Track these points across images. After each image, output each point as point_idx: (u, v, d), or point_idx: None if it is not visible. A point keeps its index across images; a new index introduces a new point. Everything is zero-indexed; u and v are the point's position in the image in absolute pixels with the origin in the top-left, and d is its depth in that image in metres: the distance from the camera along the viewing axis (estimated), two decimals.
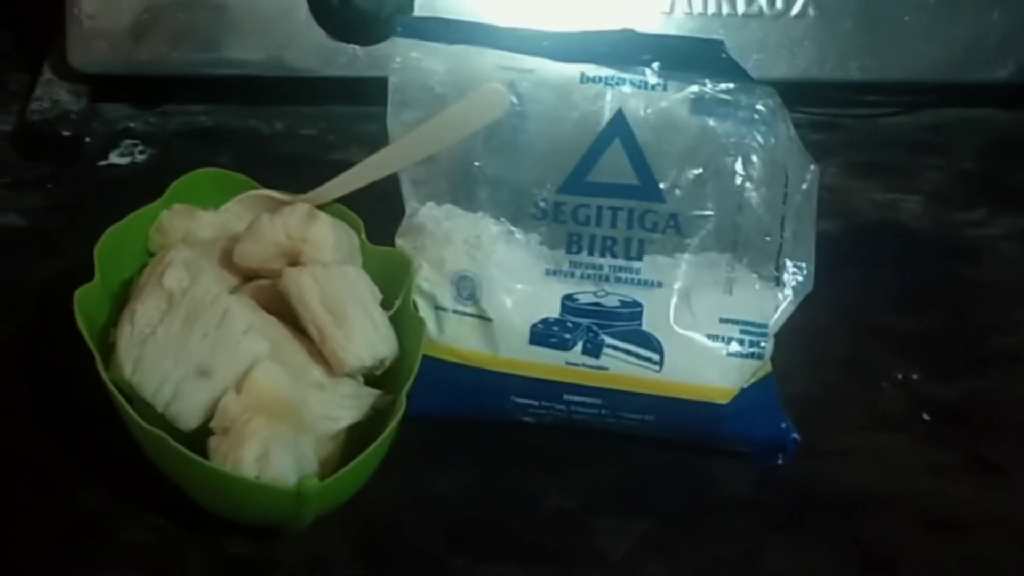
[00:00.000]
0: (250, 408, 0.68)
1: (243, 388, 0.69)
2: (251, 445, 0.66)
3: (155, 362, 0.71)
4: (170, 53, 1.06)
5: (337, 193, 0.85)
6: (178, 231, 0.84)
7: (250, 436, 0.66)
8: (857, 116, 1.17)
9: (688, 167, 0.79)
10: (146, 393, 0.70)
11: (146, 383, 0.70)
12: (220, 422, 0.68)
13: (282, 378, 0.71)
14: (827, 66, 1.08)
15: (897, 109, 1.18)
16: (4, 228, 0.99)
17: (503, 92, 0.78)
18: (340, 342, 0.73)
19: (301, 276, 0.74)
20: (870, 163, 1.12)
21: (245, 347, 0.71)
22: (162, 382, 0.70)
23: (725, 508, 0.79)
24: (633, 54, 0.81)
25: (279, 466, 0.66)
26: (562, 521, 0.78)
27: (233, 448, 0.66)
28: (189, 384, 0.70)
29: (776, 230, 0.79)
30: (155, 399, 0.70)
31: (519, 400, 0.79)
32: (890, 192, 1.10)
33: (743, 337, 0.78)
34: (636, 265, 0.79)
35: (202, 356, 0.71)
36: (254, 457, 0.66)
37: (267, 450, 0.66)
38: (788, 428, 0.80)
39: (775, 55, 0.93)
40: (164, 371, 0.70)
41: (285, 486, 0.66)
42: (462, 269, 0.79)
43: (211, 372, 0.70)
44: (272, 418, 0.68)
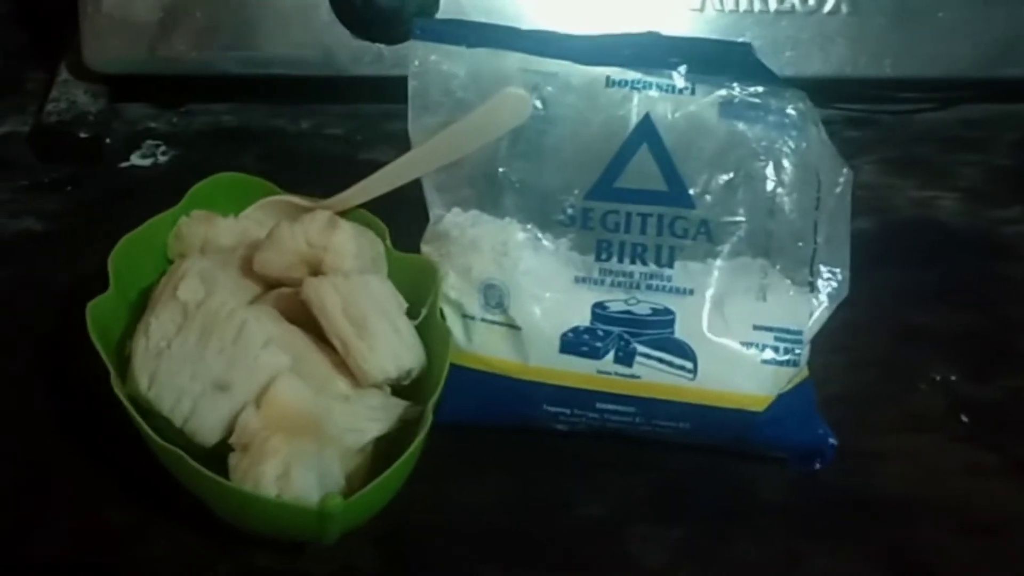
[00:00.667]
0: (271, 424, 0.68)
1: (263, 403, 0.69)
2: (271, 463, 0.65)
3: (171, 377, 0.70)
4: (188, 52, 1.06)
5: (360, 199, 0.84)
6: (197, 238, 0.84)
7: (270, 453, 0.66)
8: (892, 112, 1.15)
9: (718, 172, 0.78)
10: (163, 408, 0.70)
11: (163, 398, 0.70)
12: (239, 439, 0.68)
13: (303, 392, 0.70)
14: (860, 63, 1.07)
15: (932, 105, 1.16)
16: (22, 232, 0.99)
17: (526, 97, 0.77)
18: (363, 354, 0.73)
19: (322, 286, 0.74)
20: (906, 160, 1.11)
21: (264, 361, 0.70)
22: (179, 397, 0.70)
23: (760, 514, 0.79)
24: (659, 57, 0.80)
25: (301, 484, 0.65)
26: (594, 529, 0.77)
27: (253, 466, 0.66)
28: (207, 399, 0.70)
29: (809, 235, 0.79)
30: (173, 415, 0.70)
31: (550, 408, 0.79)
32: (926, 189, 1.09)
33: (777, 344, 0.77)
34: (667, 272, 0.78)
35: (219, 371, 0.70)
36: (275, 476, 0.65)
37: (288, 468, 0.65)
38: (825, 434, 0.79)
39: (808, 52, 0.92)
40: (181, 386, 0.70)
41: (308, 505, 0.65)
42: (489, 277, 0.79)
43: (229, 387, 0.70)
44: (293, 434, 0.67)
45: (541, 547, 0.76)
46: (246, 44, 1.06)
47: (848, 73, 1.07)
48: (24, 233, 0.98)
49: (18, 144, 1.08)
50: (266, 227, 0.82)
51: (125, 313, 0.79)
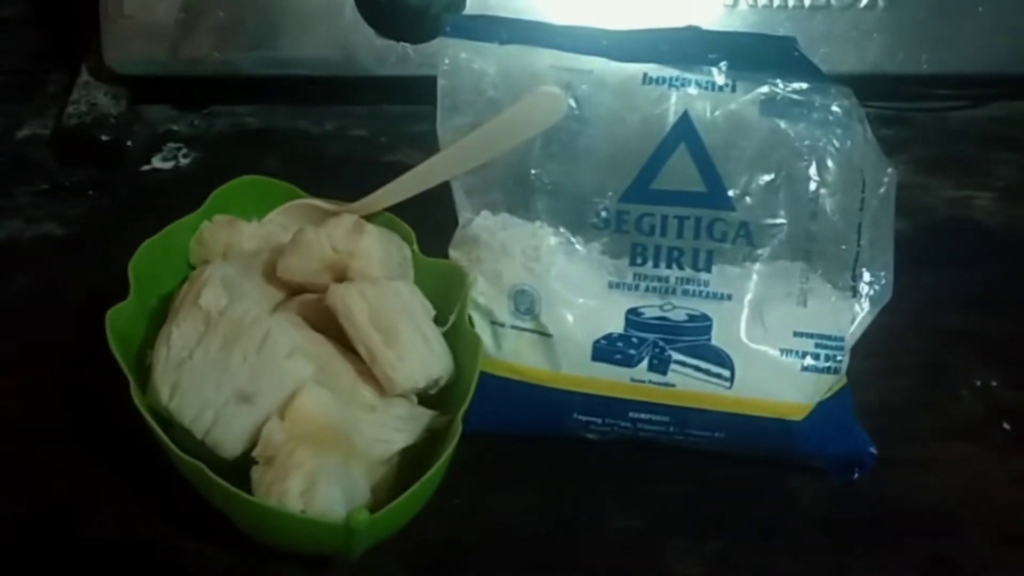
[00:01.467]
0: (295, 436, 0.65)
1: (287, 414, 0.66)
2: (296, 477, 0.63)
3: (193, 387, 0.68)
4: (210, 53, 1.03)
5: (386, 202, 0.81)
6: (219, 243, 0.82)
7: (295, 467, 0.63)
8: (926, 110, 1.12)
9: (759, 173, 0.75)
10: (185, 420, 0.67)
11: (185, 409, 0.68)
12: (263, 451, 0.65)
13: (329, 402, 0.67)
14: (897, 59, 1.04)
15: (966, 102, 1.13)
16: (42, 238, 0.96)
17: (560, 95, 0.74)
18: (391, 362, 0.70)
19: (348, 293, 0.71)
20: (941, 158, 1.08)
21: (288, 371, 0.68)
22: (201, 408, 0.67)
23: (799, 526, 0.76)
24: (699, 53, 0.77)
25: (326, 499, 0.62)
26: (628, 542, 0.74)
27: (277, 480, 0.63)
28: (230, 410, 0.67)
29: (852, 238, 0.75)
30: (194, 426, 0.67)
31: (582, 417, 0.76)
32: (962, 189, 1.06)
33: (818, 351, 0.74)
34: (704, 277, 0.75)
35: (243, 381, 0.68)
36: (299, 490, 0.62)
37: (313, 482, 0.63)
38: (865, 442, 0.76)
39: (843, 48, 0.90)
40: (203, 397, 0.68)
41: (333, 520, 0.62)
42: (520, 282, 0.76)
43: (253, 398, 0.67)
44: (318, 446, 0.64)
45: (573, 562, 0.73)
46: (269, 44, 1.04)
47: (884, 69, 1.04)
48: (44, 238, 0.96)
49: (39, 147, 1.06)
50: (290, 231, 0.79)
51: (146, 321, 0.76)
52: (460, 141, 0.77)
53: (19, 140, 1.06)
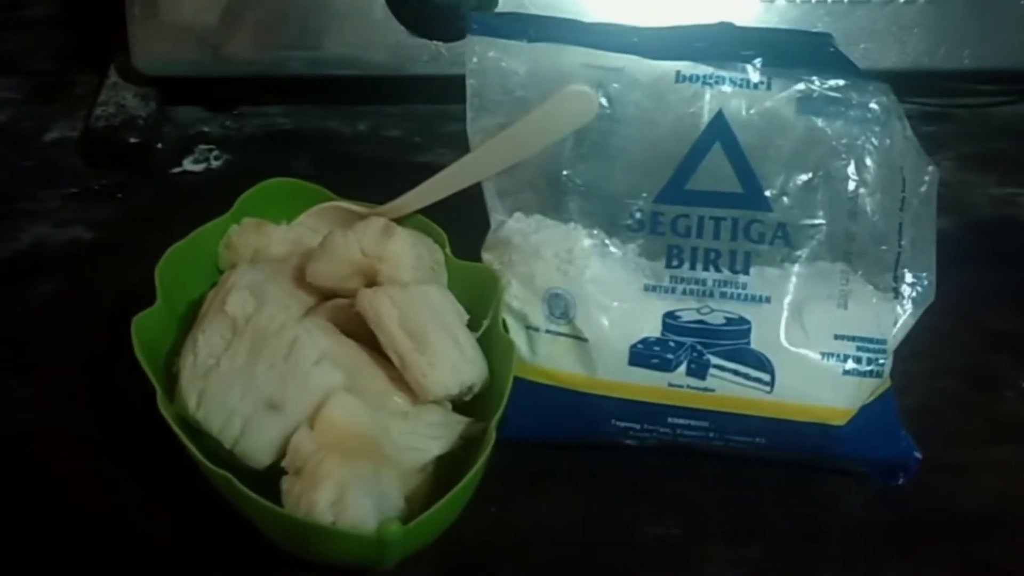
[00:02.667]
0: (325, 445, 0.64)
1: (316, 423, 0.65)
2: (325, 488, 0.61)
3: (220, 396, 0.67)
4: (240, 53, 1.02)
5: (417, 205, 0.80)
6: (248, 247, 0.81)
7: (324, 478, 0.62)
8: (968, 106, 1.10)
9: (796, 172, 0.74)
10: (212, 429, 0.67)
11: (212, 418, 0.67)
12: (292, 462, 0.64)
13: (359, 410, 0.66)
14: (938, 54, 1.02)
15: (1009, 98, 1.11)
16: (71, 242, 0.95)
17: (591, 94, 0.72)
18: (423, 369, 0.69)
19: (378, 298, 0.70)
20: (984, 155, 1.05)
21: (317, 379, 0.67)
22: (229, 417, 0.67)
23: (840, 532, 0.74)
24: (733, 50, 0.75)
25: (357, 511, 0.61)
26: (666, 550, 0.73)
27: (306, 491, 0.62)
28: (258, 419, 0.66)
29: (893, 238, 0.74)
30: (222, 435, 0.66)
31: (619, 423, 0.74)
32: (1007, 186, 1.04)
33: (860, 354, 0.72)
34: (742, 279, 0.73)
35: (271, 389, 0.67)
36: (329, 502, 0.61)
37: (343, 493, 0.61)
38: (909, 446, 0.74)
39: (884, 44, 0.88)
40: (230, 405, 0.67)
41: (364, 532, 0.61)
42: (554, 286, 0.74)
43: (281, 406, 0.66)
44: (349, 456, 0.63)
45: (609, 569, 0.72)
46: (299, 44, 1.02)
47: (925, 65, 1.02)
48: (74, 243, 0.95)
49: (67, 150, 1.05)
50: (320, 235, 0.78)
51: (173, 327, 0.76)
52: (490, 142, 0.75)
53: (48, 143, 1.05)
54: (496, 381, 0.72)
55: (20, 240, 0.94)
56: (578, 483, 0.76)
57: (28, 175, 1.01)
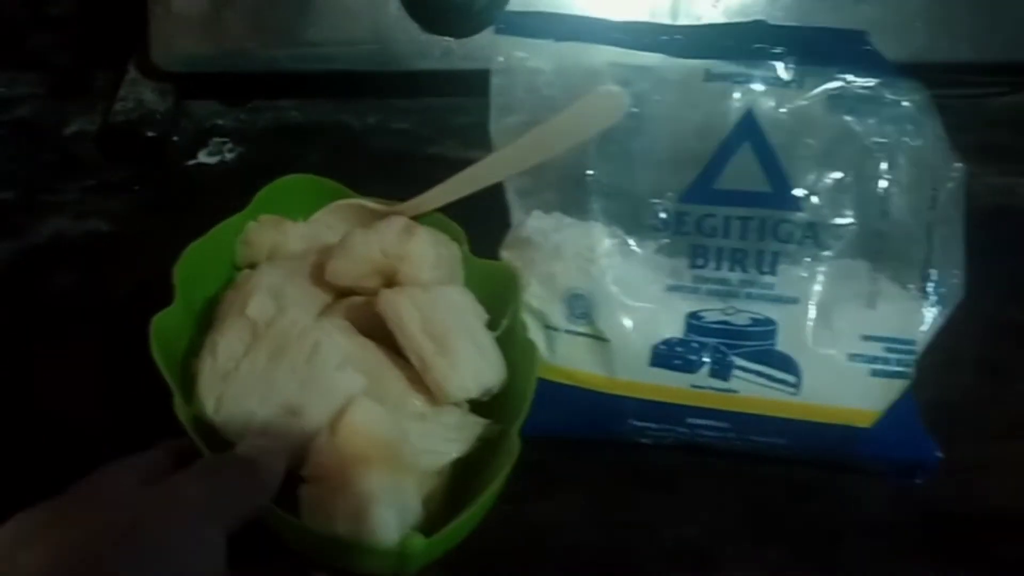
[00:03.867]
0: (346, 454, 0.58)
1: (337, 430, 0.59)
2: (346, 501, 0.56)
3: (240, 400, 0.61)
4: (257, 49, 0.96)
5: (437, 203, 0.73)
6: (265, 244, 0.74)
7: (346, 490, 0.56)
8: (961, 96, 1.03)
9: (827, 171, 0.68)
10: (230, 434, 0.61)
11: (230, 422, 0.61)
12: (312, 471, 0.58)
13: (380, 417, 0.60)
14: (940, 47, 0.96)
15: (1002, 89, 1.04)
16: (89, 234, 0.89)
17: (620, 95, 0.66)
18: (444, 372, 0.63)
19: (399, 300, 0.64)
20: (981, 145, 0.98)
21: (339, 384, 0.61)
22: (247, 421, 0.61)
23: (860, 532, 0.68)
24: (764, 48, 0.69)
25: (379, 524, 0.56)
26: (685, 550, 0.67)
27: (326, 503, 0.56)
28: (276, 426, 0.60)
29: (923, 237, 0.68)
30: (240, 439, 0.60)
31: (638, 423, 0.69)
32: (1007, 176, 0.97)
33: (888, 355, 0.67)
34: (768, 279, 0.67)
35: (290, 393, 0.61)
36: (349, 515, 0.56)
37: (365, 506, 0.56)
38: (931, 446, 0.68)
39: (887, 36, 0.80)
40: (249, 409, 0.61)
41: (387, 546, 0.55)
42: (574, 286, 0.68)
43: (301, 411, 0.61)
44: (368, 465, 0.57)
45: (627, 570, 0.66)
46: (313, 40, 0.96)
47: (926, 58, 0.95)
48: (92, 235, 0.89)
49: (86, 143, 0.98)
50: (337, 231, 0.73)
51: (191, 325, 0.69)
52: (516, 141, 0.69)
53: (67, 136, 0.99)
54: (516, 382, 0.66)
55: (40, 232, 0.88)
56: (595, 482, 0.71)
57: (48, 168, 0.95)
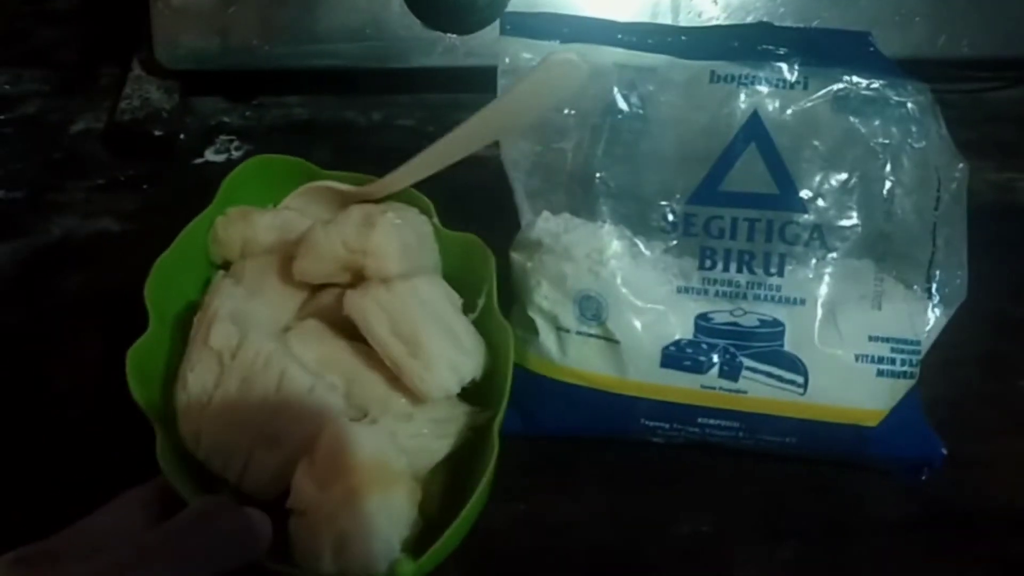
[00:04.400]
0: (327, 482, 0.57)
1: (316, 457, 0.58)
2: (329, 537, 0.55)
3: (218, 433, 0.60)
4: (260, 46, 0.95)
5: (408, 181, 0.72)
6: (236, 239, 0.72)
7: (327, 525, 0.55)
8: (960, 91, 1.03)
9: (832, 173, 0.67)
10: (215, 467, 0.60)
11: (213, 457, 0.60)
12: (296, 503, 0.57)
13: (359, 437, 0.58)
14: (939, 42, 0.95)
15: (1001, 83, 1.03)
16: (99, 234, 0.88)
17: (577, 62, 0.64)
18: (419, 374, 0.62)
19: (364, 303, 0.63)
20: (981, 141, 0.98)
21: (311, 409, 0.60)
22: (230, 454, 0.60)
23: (870, 530, 0.68)
24: (770, 49, 0.68)
25: (361, 558, 0.55)
26: (695, 548, 0.67)
27: (310, 538, 0.56)
28: (259, 455, 0.60)
29: (928, 238, 0.67)
30: (226, 473, 0.60)
31: (649, 423, 0.68)
32: (1005, 171, 0.97)
33: (894, 356, 0.66)
34: (776, 281, 0.67)
35: (265, 423, 0.60)
36: (333, 550, 0.55)
37: (345, 542, 0.55)
38: (936, 443, 0.68)
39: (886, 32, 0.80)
40: (229, 442, 0.60)
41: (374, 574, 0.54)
42: (586, 288, 0.67)
43: (279, 440, 0.59)
44: (352, 492, 0.56)
45: (639, 569, 0.66)
46: (317, 36, 0.95)
47: (926, 54, 0.95)
48: (102, 234, 0.88)
49: (92, 141, 0.97)
50: (309, 216, 0.72)
51: (171, 343, 0.67)
52: (477, 114, 0.67)
53: (74, 135, 0.98)
54: (498, 364, 0.65)
55: (50, 232, 0.88)
56: (607, 480, 0.70)
57: (56, 166, 0.94)
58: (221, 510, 0.52)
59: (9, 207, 0.90)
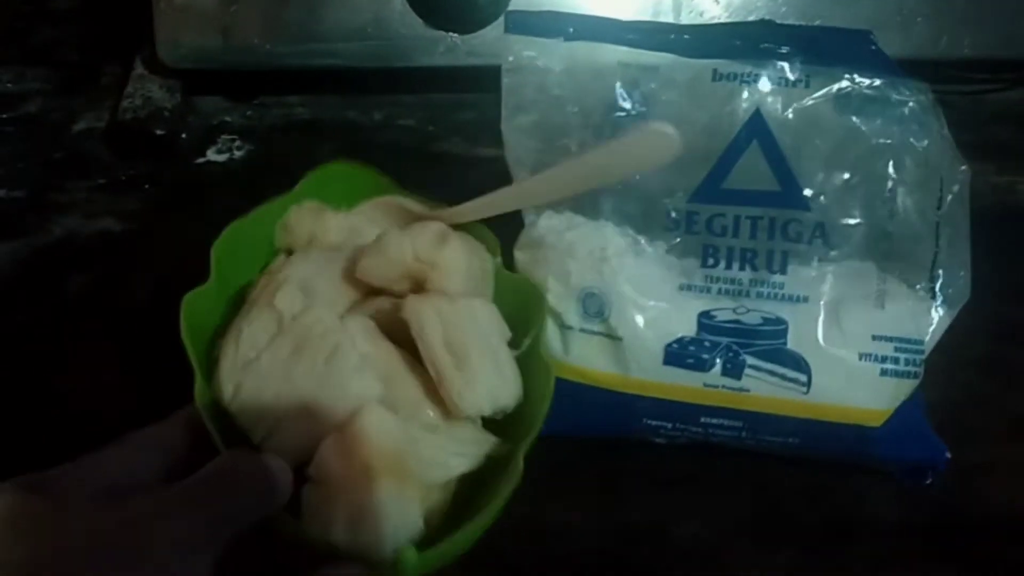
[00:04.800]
0: (351, 460, 0.57)
1: (346, 434, 0.58)
2: (344, 507, 0.55)
3: (256, 391, 0.60)
4: (262, 45, 0.95)
5: (479, 215, 0.71)
6: (304, 231, 0.72)
7: (344, 496, 0.55)
8: (960, 92, 1.03)
9: (835, 171, 0.67)
10: (244, 422, 0.60)
11: (245, 412, 0.60)
12: (316, 472, 0.57)
13: (390, 426, 0.59)
14: (941, 43, 0.95)
15: (1002, 84, 1.03)
16: (101, 233, 0.88)
17: (673, 136, 0.61)
18: (458, 388, 0.61)
19: (423, 310, 0.63)
20: (983, 142, 0.98)
21: (354, 388, 0.60)
22: (261, 414, 0.60)
23: (870, 534, 0.68)
24: (771, 48, 0.69)
25: (372, 534, 0.54)
26: (694, 552, 0.67)
27: (324, 506, 0.56)
28: (289, 421, 0.59)
29: (931, 238, 0.67)
30: (253, 431, 0.59)
31: (652, 422, 0.68)
32: (1006, 173, 0.97)
33: (898, 355, 0.66)
34: (778, 279, 0.67)
35: (306, 391, 0.60)
36: (346, 522, 0.55)
37: (362, 514, 0.55)
38: (940, 446, 0.68)
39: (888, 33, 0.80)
40: (265, 402, 0.60)
41: (380, 556, 0.54)
42: (589, 285, 0.67)
43: (314, 411, 0.59)
44: (373, 474, 0.56)
45: (639, 572, 0.66)
46: (319, 36, 0.95)
47: (927, 54, 0.95)
48: (104, 234, 0.88)
49: (94, 140, 0.97)
50: (377, 226, 0.72)
51: (224, 305, 0.68)
52: (562, 165, 0.66)
53: (75, 134, 0.98)
54: (529, 403, 0.65)
55: (52, 232, 0.88)
56: (607, 483, 0.70)
57: (58, 166, 0.94)
58: (244, 462, 0.54)
59: (10, 206, 0.90)
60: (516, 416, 0.64)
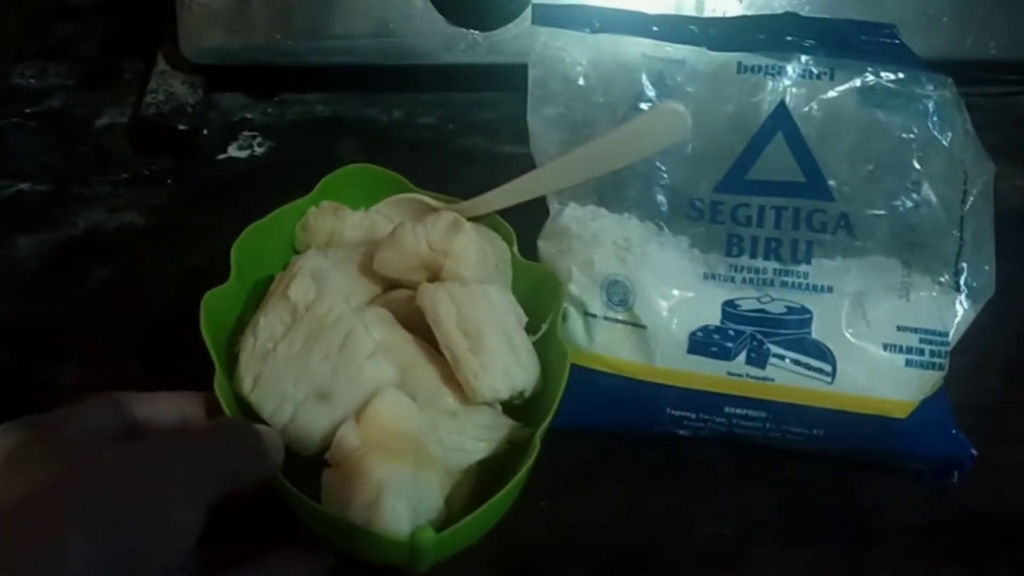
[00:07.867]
0: (369, 441, 0.59)
1: (363, 418, 0.60)
2: (362, 488, 0.57)
3: (275, 380, 0.63)
4: (284, 42, 0.96)
5: (496, 206, 0.73)
6: (324, 230, 0.75)
7: (363, 477, 0.57)
8: (988, 95, 1.03)
9: (859, 163, 0.69)
10: (264, 412, 0.62)
11: (265, 402, 0.62)
12: (335, 455, 0.59)
13: (407, 409, 0.61)
14: (966, 44, 0.96)
15: None
16: (124, 227, 0.90)
17: (684, 114, 0.65)
18: (474, 370, 0.63)
19: (437, 294, 0.65)
20: (1011, 145, 0.98)
21: (368, 373, 0.62)
22: (281, 403, 0.62)
23: (894, 533, 0.70)
24: (796, 41, 0.71)
25: (391, 514, 0.56)
26: (717, 550, 0.69)
27: (343, 487, 0.57)
28: (308, 408, 0.62)
29: (955, 231, 0.69)
30: (273, 420, 0.62)
31: (675, 412, 0.69)
32: None
33: (923, 347, 0.67)
34: (803, 269, 0.68)
35: (322, 379, 0.62)
36: (364, 502, 0.56)
37: (379, 495, 0.56)
38: (965, 443, 0.69)
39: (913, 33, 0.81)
40: (283, 391, 0.62)
41: (396, 536, 0.56)
42: (613, 273, 0.69)
43: (331, 397, 0.62)
44: (391, 456, 0.58)
45: (660, 569, 0.68)
46: (339, 33, 0.96)
47: (953, 55, 0.96)
48: (127, 228, 0.90)
49: (117, 136, 0.99)
50: (395, 223, 0.73)
51: (241, 305, 0.70)
52: (577, 151, 0.68)
53: (98, 129, 0.99)
54: (548, 388, 0.66)
55: (76, 226, 0.89)
56: (629, 478, 0.72)
57: (81, 160, 0.96)
58: (236, 424, 0.57)
59: (34, 200, 0.91)
60: (535, 402, 0.66)
